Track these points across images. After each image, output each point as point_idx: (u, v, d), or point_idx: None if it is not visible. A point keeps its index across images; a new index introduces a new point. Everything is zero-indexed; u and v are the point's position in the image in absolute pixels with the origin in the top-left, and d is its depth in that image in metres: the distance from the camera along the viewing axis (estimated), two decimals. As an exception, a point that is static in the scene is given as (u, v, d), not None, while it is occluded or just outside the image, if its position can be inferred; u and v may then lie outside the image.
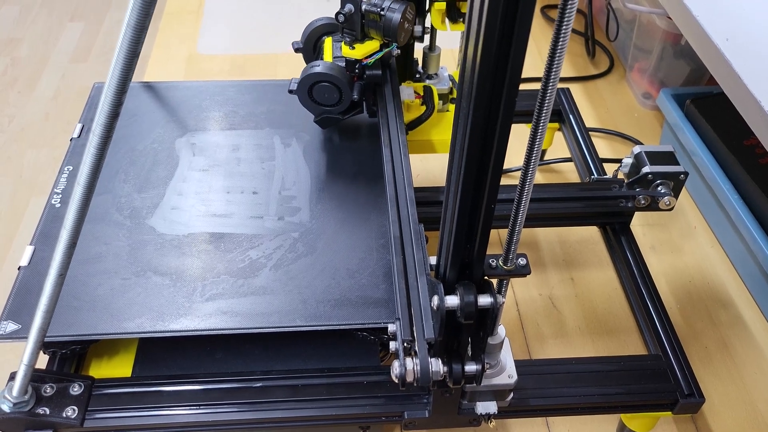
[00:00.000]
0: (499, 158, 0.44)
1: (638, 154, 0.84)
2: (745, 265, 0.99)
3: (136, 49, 0.38)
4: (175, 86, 0.95)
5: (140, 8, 0.35)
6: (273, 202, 0.78)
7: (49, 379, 0.64)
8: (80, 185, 0.45)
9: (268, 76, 1.37)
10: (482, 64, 0.39)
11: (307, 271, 0.71)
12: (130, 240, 0.73)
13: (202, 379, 0.67)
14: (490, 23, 0.37)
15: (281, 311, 0.67)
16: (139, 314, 0.66)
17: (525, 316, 0.94)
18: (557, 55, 0.40)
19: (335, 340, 0.72)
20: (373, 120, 0.88)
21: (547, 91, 0.42)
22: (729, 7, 0.78)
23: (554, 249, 1.03)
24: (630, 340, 0.91)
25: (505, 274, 0.56)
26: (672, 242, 1.05)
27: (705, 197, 1.07)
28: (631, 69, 1.33)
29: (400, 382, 0.55)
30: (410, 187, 0.68)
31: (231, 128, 0.88)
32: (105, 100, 0.40)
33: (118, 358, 0.71)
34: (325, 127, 0.85)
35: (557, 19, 0.39)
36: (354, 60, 0.78)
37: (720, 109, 1.04)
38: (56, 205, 0.77)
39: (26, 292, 0.68)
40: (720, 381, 0.87)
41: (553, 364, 0.71)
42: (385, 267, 0.71)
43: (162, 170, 0.81)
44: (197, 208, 0.77)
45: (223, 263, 0.71)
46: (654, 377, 0.71)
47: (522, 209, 0.50)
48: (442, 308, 0.53)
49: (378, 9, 0.74)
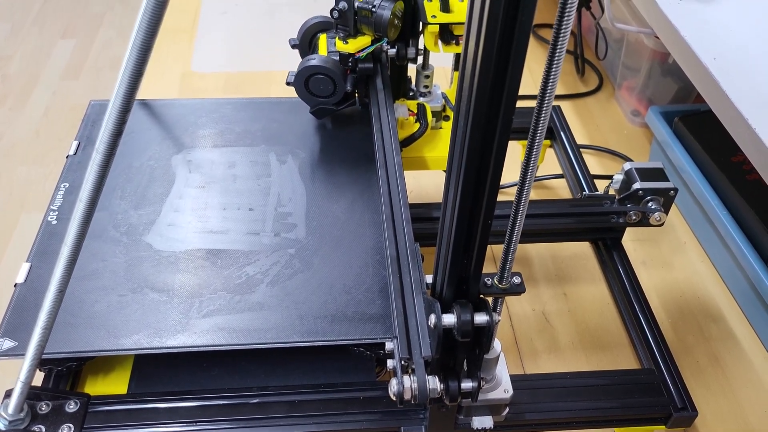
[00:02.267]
0: (495, 175, 0.45)
1: (629, 170, 0.86)
2: (734, 280, 1.00)
3: (141, 69, 0.39)
4: (171, 104, 0.96)
5: (146, 29, 0.36)
6: (269, 218, 0.78)
7: (45, 396, 0.64)
8: (82, 202, 0.45)
9: (262, 93, 1.38)
10: (479, 85, 0.40)
11: (304, 287, 0.71)
12: (126, 256, 0.73)
13: (198, 395, 0.67)
14: (487, 46, 0.38)
15: (278, 327, 0.67)
16: (136, 330, 0.66)
17: (519, 331, 0.95)
18: (552, 75, 0.41)
19: (331, 356, 0.72)
20: (368, 137, 0.89)
21: (542, 112, 0.43)
22: (716, 28, 0.80)
23: (547, 264, 1.04)
24: (622, 354, 0.92)
25: (500, 293, 0.57)
26: (662, 257, 1.07)
27: (694, 213, 1.09)
28: (619, 87, 1.36)
29: (398, 399, 0.56)
30: (406, 208, 0.69)
31: (227, 145, 0.89)
32: (109, 118, 0.40)
33: (113, 375, 0.71)
34: (320, 117, 0.91)
35: (551, 41, 0.40)
36: (347, 54, 0.84)
37: (707, 126, 1.06)
38: (53, 221, 0.77)
39: (23, 309, 0.68)
40: (712, 395, 0.88)
41: (547, 379, 0.72)
42: (380, 283, 0.71)
43: (158, 187, 0.82)
44: (194, 224, 0.77)
45: (220, 279, 0.71)
46: (647, 391, 0.71)
47: (517, 230, 0.51)
48: (439, 326, 0.53)
49: (370, 6, 0.80)
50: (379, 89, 0.86)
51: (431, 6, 0.86)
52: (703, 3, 0.86)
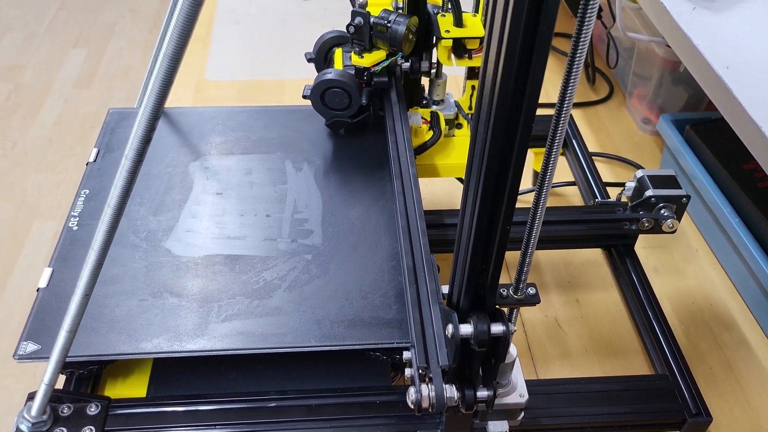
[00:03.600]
0: (514, 183, 0.46)
1: (641, 177, 0.87)
2: (747, 288, 1.00)
3: (171, 78, 0.40)
4: (188, 112, 0.97)
5: (177, 40, 0.38)
6: (286, 224, 0.80)
7: (67, 399, 0.65)
8: (110, 207, 0.47)
9: (276, 101, 1.39)
10: (500, 95, 0.41)
11: (321, 292, 0.72)
12: (146, 262, 0.74)
13: (216, 399, 0.68)
14: (509, 55, 0.39)
15: (295, 332, 0.68)
16: (156, 335, 0.67)
17: (532, 337, 0.95)
18: (570, 87, 0.42)
19: (347, 360, 0.73)
20: (382, 144, 0.90)
21: (560, 121, 0.44)
22: (729, 37, 0.81)
23: (559, 271, 1.05)
24: (635, 360, 0.93)
25: (515, 303, 0.58)
26: (674, 265, 1.07)
27: (706, 220, 1.09)
28: (630, 95, 1.36)
29: (416, 407, 0.57)
30: (422, 219, 0.71)
31: (243, 153, 0.90)
32: (139, 126, 0.42)
33: (132, 379, 0.72)
34: (335, 130, 0.92)
35: (570, 52, 0.41)
36: (363, 68, 0.85)
37: (719, 134, 1.07)
38: (74, 227, 0.78)
39: (45, 314, 0.69)
40: (725, 402, 0.88)
41: (562, 384, 0.73)
42: (396, 288, 0.72)
43: (176, 193, 0.83)
44: (212, 230, 0.78)
45: (238, 284, 0.72)
46: (662, 397, 0.72)
47: (532, 242, 0.52)
48: (456, 336, 0.54)
49: (385, 21, 0.82)
50: (394, 102, 0.88)
51: (445, 21, 0.87)
52: (716, 12, 0.87)
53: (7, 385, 0.91)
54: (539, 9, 0.37)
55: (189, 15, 0.37)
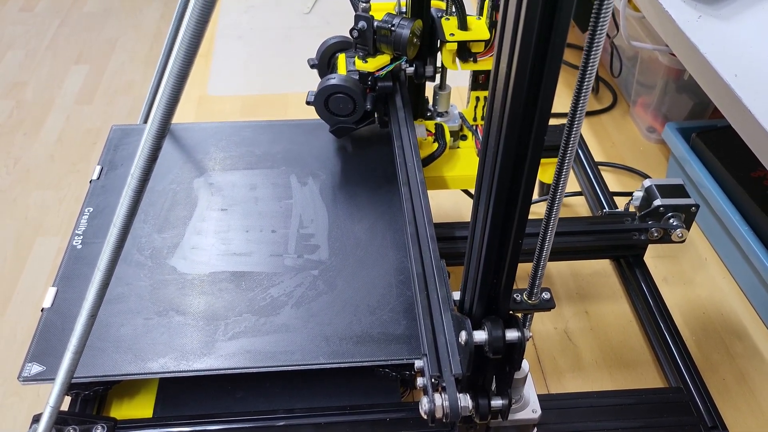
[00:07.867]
0: (527, 194, 0.45)
1: (649, 187, 0.86)
2: (757, 296, 0.99)
3: (177, 96, 0.39)
4: (191, 127, 0.97)
5: (183, 58, 0.37)
6: (292, 240, 0.79)
7: (72, 421, 0.64)
8: (116, 227, 0.46)
9: (279, 116, 1.39)
10: (512, 105, 0.40)
11: (328, 308, 0.71)
12: (151, 280, 0.74)
13: (224, 418, 0.67)
14: (521, 66, 0.38)
15: (303, 349, 0.67)
16: (162, 354, 0.66)
17: (541, 350, 0.94)
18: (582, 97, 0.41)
19: (356, 377, 0.72)
20: (387, 158, 0.89)
21: (572, 132, 0.43)
22: (736, 45, 0.81)
23: (567, 282, 1.04)
24: (647, 372, 0.91)
25: (530, 308, 0.56)
26: (684, 274, 1.06)
27: (714, 229, 1.08)
28: (634, 104, 1.36)
29: (429, 418, 0.55)
30: (431, 225, 0.69)
31: (247, 168, 0.90)
32: (145, 144, 0.41)
33: (138, 399, 0.71)
34: (339, 136, 0.90)
35: (582, 63, 0.40)
36: (367, 73, 0.84)
37: (726, 142, 1.06)
38: (78, 246, 0.77)
39: (50, 334, 0.68)
40: (740, 413, 0.87)
41: (574, 398, 0.72)
42: (405, 303, 0.71)
43: (181, 210, 0.83)
44: (217, 247, 0.78)
45: (245, 302, 0.72)
46: (676, 410, 0.71)
47: (547, 246, 0.51)
48: (470, 343, 0.53)
49: (389, 25, 0.81)
50: (399, 107, 0.87)
51: (449, 24, 0.86)
52: (723, 20, 0.86)
53: (11, 404, 0.90)
54: (552, 18, 0.36)
55: (195, 32, 0.36)
